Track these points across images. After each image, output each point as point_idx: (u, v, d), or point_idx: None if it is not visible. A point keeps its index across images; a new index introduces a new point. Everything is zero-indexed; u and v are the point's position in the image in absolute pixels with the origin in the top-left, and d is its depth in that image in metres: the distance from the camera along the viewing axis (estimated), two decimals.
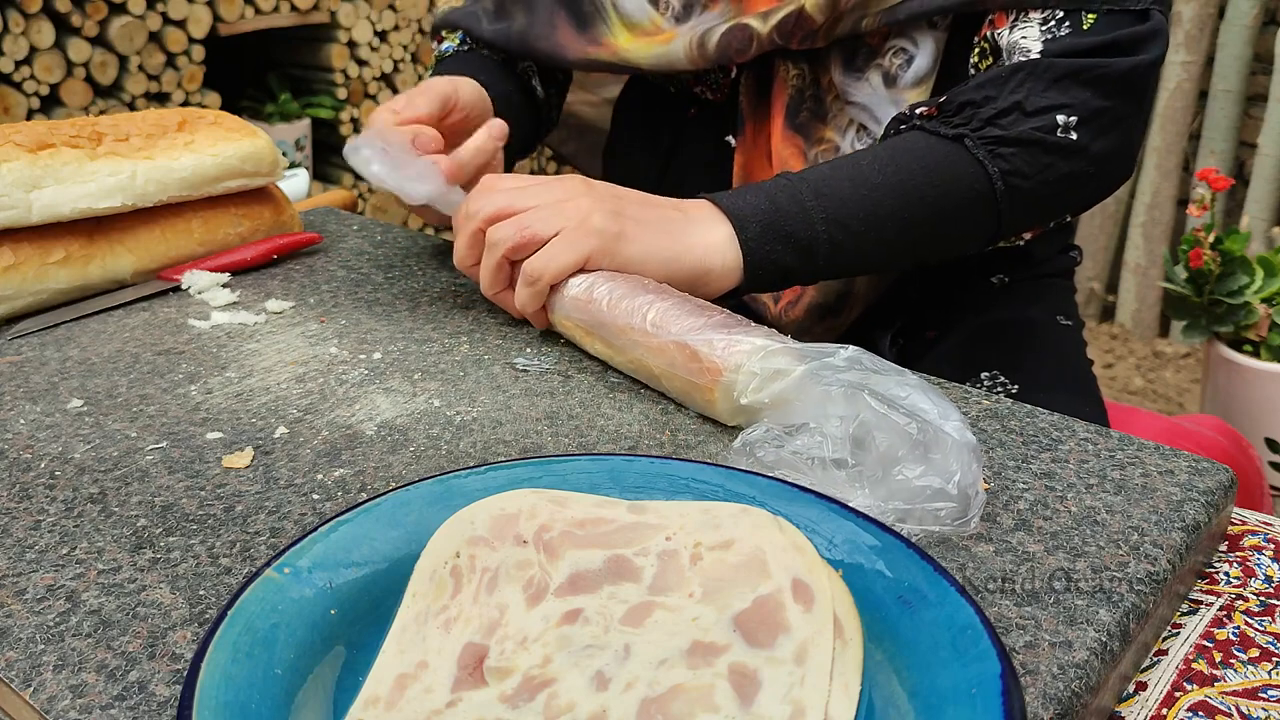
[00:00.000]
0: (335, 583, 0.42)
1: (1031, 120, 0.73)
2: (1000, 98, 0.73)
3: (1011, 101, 0.73)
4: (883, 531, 0.43)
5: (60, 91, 2.17)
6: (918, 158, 0.73)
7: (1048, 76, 0.73)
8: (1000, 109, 0.73)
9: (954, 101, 0.75)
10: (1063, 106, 0.73)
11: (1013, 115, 0.73)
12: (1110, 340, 2.74)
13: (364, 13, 2.62)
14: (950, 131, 0.74)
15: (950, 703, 0.36)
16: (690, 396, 0.60)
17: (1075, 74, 0.73)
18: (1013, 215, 0.76)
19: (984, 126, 0.73)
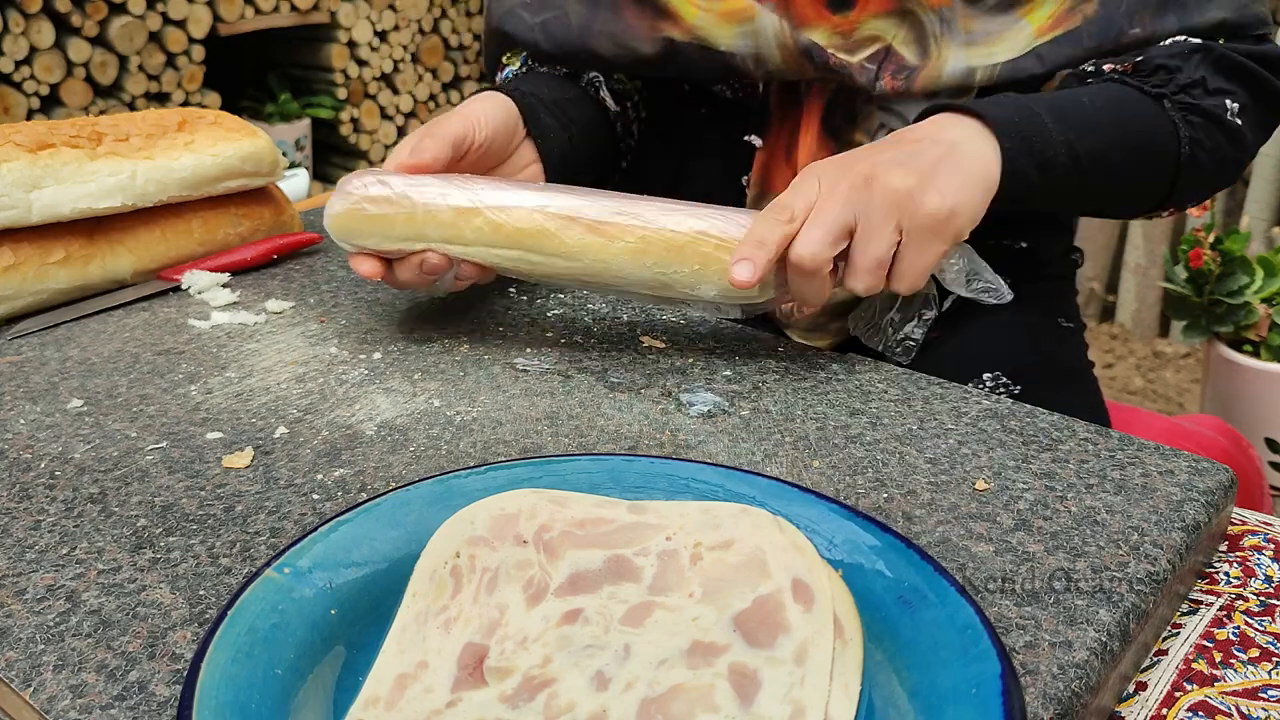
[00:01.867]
0: (335, 583, 0.42)
1: (1212, 99, 0.76)
2: (1186, 70, 0.75)
3: (1198, 76, 0.75)
4: (883, 532, 0.43)
5: (60, 91, 2.17)
6: (1130, 106, 0.75)
7: (1223, 63, 0.76)
8: (1191, 80, 0.75)
9: (1150, 63, 0.76)
10: (1232, 93, 0.76)
11: (1199, 90, 0.75)
12: (1110, 340, 2.74)
13: (364, 13, 2.63)
14: (1152, 90, 0.75)
15: (950, 703, 0.36)
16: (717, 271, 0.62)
17: (1243, 68, 0.76)
18: (1183, 185, 0.78)
19: (1179, 92, 0.75)
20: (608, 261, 0.64)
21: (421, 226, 0.66)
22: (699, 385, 0.64)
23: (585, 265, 0.64)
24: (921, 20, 0.80)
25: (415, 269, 0.67)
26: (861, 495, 0.52)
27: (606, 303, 0.76)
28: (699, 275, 0.63)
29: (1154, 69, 0.75)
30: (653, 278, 0.64)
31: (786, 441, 0.57)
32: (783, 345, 0.69)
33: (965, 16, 0.79)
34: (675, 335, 0.71)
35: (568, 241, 0.64)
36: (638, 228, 0.64)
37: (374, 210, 0.66)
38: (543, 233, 0.64)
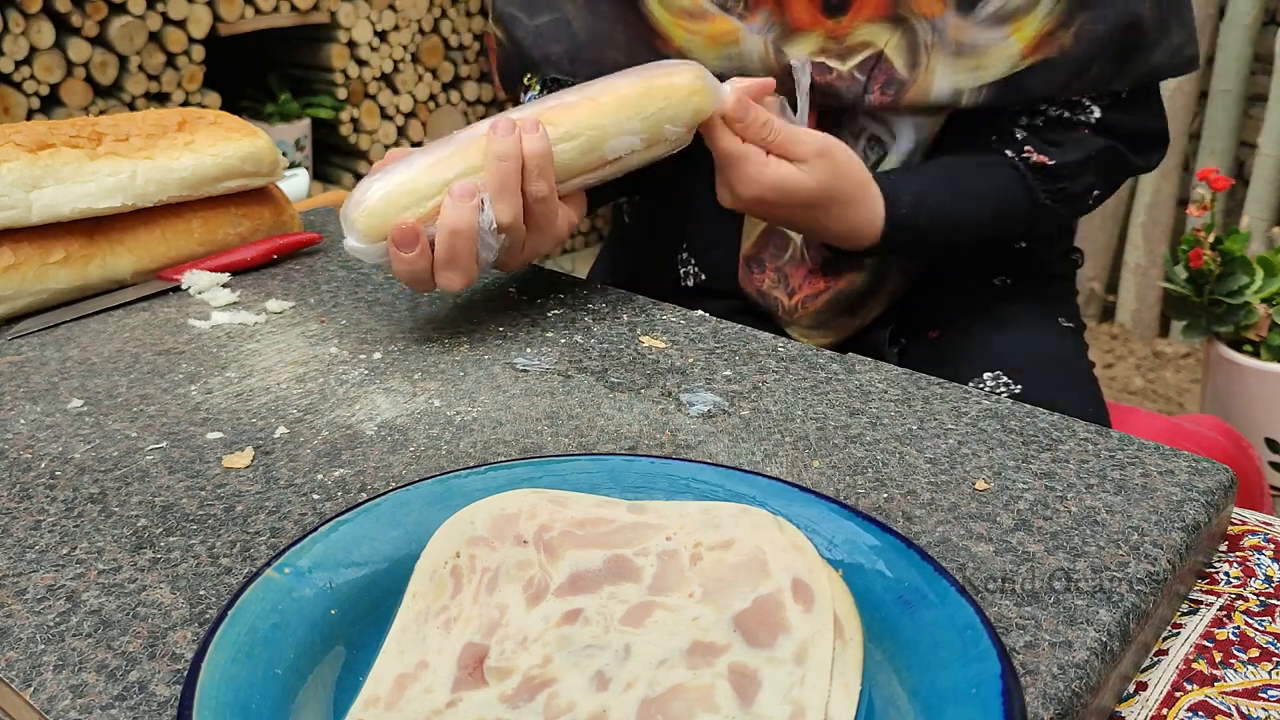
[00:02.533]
0: (335, 583, 0.42)
1: (1081, 199, 0.88)
2: (1081, 178, 0.86)
3: (1086, 185, 0.87)
4: (883, 531, 0.43)
5: (60, 91, 2.17)
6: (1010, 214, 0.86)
7: (1112, 165, 0.87)
8: (1079, 190, 0.87)
9: (1059, 171, 0.85)
10: (1101, 186, 0.88)
11: (1079, 195, 0.87)
12: (1110, 340, 2.74)
13: (364, 13, 2.63)
14: (1042, 197, 0.86)
15: (950, 703, 0.36)
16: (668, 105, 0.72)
17: (1123, 164, 0.88)
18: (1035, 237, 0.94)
19: (1060, 203, 0.87)
20: (603, 127, 0.70)
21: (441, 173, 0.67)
22: (699, 385, 0.64)
23: (584, 140, 0.70)
24: (914, 28, 0.80)
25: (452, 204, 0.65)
26: (861, 495, 0.52)
27: (606, 302, 0.76)
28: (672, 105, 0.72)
29: (1055, 177, 0.86)
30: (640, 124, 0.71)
31: (786, 441, 0.57)
32: (783, 345, 0.69)
33: (957, 27, 0.80)
34: (675, 335, 0.71)
35: (564, 125, 0.70)
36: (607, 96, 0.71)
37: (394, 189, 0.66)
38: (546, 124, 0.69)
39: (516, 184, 0.67)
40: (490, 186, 0.66)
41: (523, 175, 0.67)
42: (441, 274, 0.67)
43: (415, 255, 0.66)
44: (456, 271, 0.67)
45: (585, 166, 0.71)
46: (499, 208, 0.66)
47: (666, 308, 0.75)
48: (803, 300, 0.89)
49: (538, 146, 0.67)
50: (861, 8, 0.81)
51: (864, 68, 0.81)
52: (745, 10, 0.83)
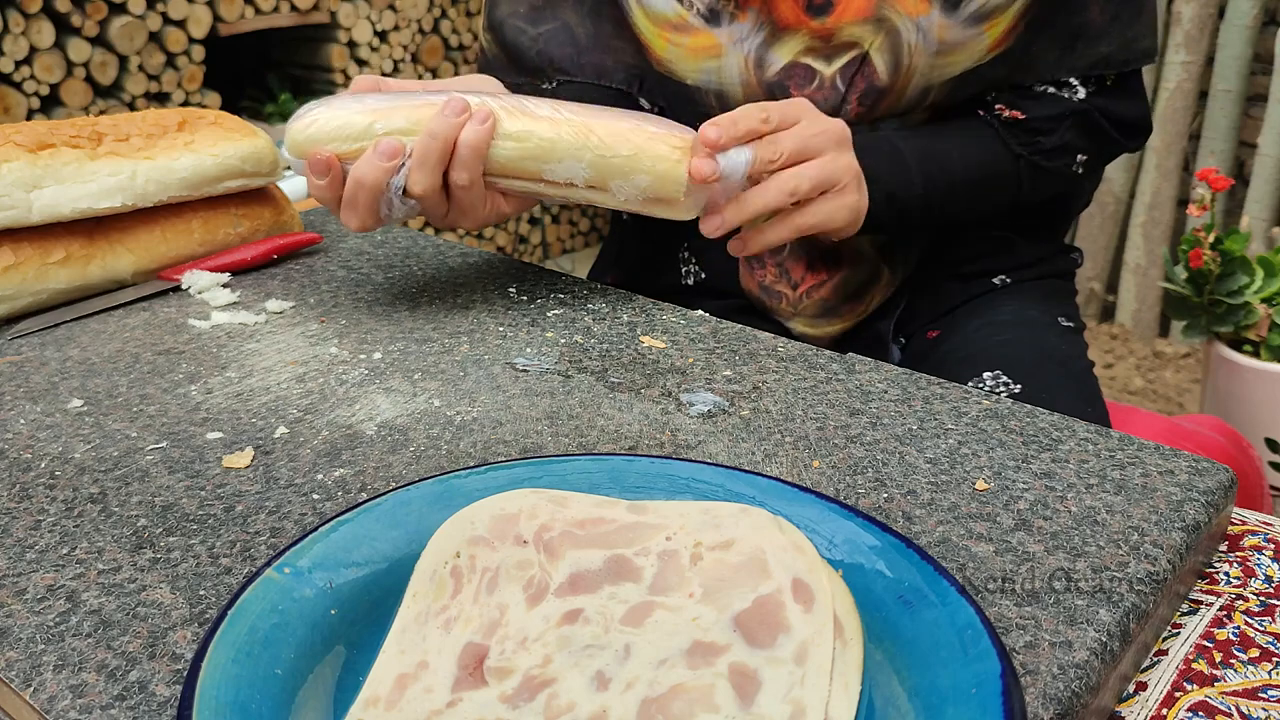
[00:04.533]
0: (335, 583, 0.42)
1: (1065, 158, 0.89)
2: (1057, 133, 0.87)
3: (1062, 142, 0.88)
4: (883, 531, 0.43)
5: (60, 91, 2.17)
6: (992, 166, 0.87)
7: (1090, 128, 0.88)
8: (1055, 145, 0.88)
9: (1030, 124, 0.86)
10: (1085, 150, 0.89)
11: (1057, 152, 0.88)
12: (1110, 340, 2.74)
13: (364, 13, 2.63)
14: (1017, 148, 0.87)
15: (950, 702, 0.36)
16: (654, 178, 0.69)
17: (1103, 132, 0.89)
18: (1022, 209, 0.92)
19: (1037, 155, 0.88)
20: (553, 143, 0.68)
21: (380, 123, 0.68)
22: (699, 385, 0.64)
23: (530, 146, 0.69)
24: (898, 28, 0.81)
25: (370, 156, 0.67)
26: (861, 495, 0.52)
27: (606, 302, 0.76)
28: (632, 162, 0.69)
29: (1028, 129, 0.87)
30: (593, 160, 0.69)
31: (786, 441, 0.57)
32: (783, 345, 0.69)
33: (942, 26, 0.81)
34: (675, 335, 0.71)
35: (512, 127, 0.68)
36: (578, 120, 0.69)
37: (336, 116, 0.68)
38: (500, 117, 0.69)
39: (438, 163, 0.68)
40: (414, 157, 0.68)
41: (450, 158, 0.68)
42: (342, 211, 0.70)
43: (325, 184, 0.69)
44: (354, 214, 0.70)
45: (521, 172, 0.70)
46: (414, 178, 0.68)
47: (666, 308, 0.75)
48: (806, 291, 0.90)
49: (472, 138, 0.67)
50: (845, 9, 0.81)
51: (846, 72, 0.83)
52: (736, 9, 0.83)
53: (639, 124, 0.70)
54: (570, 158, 0.69)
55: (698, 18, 0.84)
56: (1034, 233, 0.97)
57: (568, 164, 0.69)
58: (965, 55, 0.83)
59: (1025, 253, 0.96)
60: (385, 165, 0.67)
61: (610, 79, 0.89)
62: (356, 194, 0.68)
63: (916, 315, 0.95)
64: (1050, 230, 0.99)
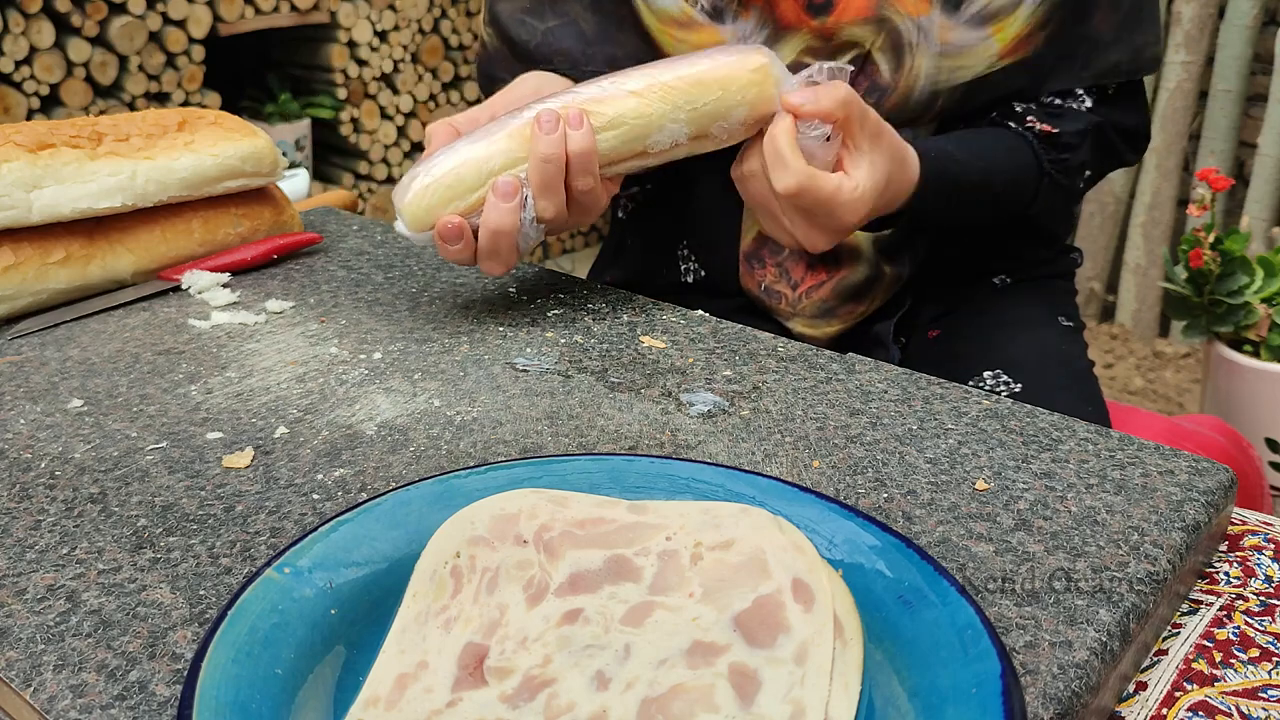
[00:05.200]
0: (335, 583, 0.42)
1: (1077, 175, 0.89)
2: (1079, 151, 0.87)
3: (1081, 161, 0.88)
4: (883, 531, 0.43)
5: (60, 91, 2.17)
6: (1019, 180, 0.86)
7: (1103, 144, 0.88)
8: (1078, 163, 0.87)
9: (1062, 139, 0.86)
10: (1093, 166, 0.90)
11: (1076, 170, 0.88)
12: (1110, 340, 2.74)
13: (364, 13, 2.63)
14: (1047, 166, 0.86)
15: (950, 702, 0.36)
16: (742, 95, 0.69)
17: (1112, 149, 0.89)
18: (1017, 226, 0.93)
19: (1061, 173, 0.87)
20: (649, 117, 0.69)
21: (485, 165, 0.68)
22: (699, 385, 0.64)
23: (627, 129, 0.69)
24: (899, 28, 0.81)
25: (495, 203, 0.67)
26: (861, 495, 0.52)
27: (606, 302, 0.76)
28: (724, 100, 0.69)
29: (1060, 145, 0.86)
30: (689, 116, 0.69)
31: (786, 441, 0.57)
32: (783, 345, 0.69)
33: (943, 27, 0.81)
34: (675, 335, 0.71)
35: (607, 114, 0.69)
36: (656, 84, 0.69)
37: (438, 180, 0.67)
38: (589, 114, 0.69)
39: (560, 183, 0.68)
40: (534, 186, 0.68)
41: (567, 172, 0.68)
42: (484, 263, 0.70)
43: (460, 248, 0.69)
44: (497, 262, 0.70)
45: (627, 154, 0.70)
46: (541, 204, 0.69)
47: (666, 308, 0.75)
48: (806, 291, 0.90)
49: (582, 145, 0.68)
50: (845, 8, 0.81)
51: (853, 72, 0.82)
52: (739, 7, 0.83)
53: (710, 62, 0.70)
54: (668, 123, 0.69)
55: (702, 14, 0.84)
56: (1036, 234, 0.97)
57: (668, 129, 0.70)
58: (974, 60, 0.82)
59: (1026, 253, 0.97)
60: (512, 205, 0.68)
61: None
62: (496, 244, 0.68)
63: (917, 315, 0.96)
64: (1052, 232, 0.99)
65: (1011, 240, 0.96)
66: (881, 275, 0.91)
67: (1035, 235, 0.97)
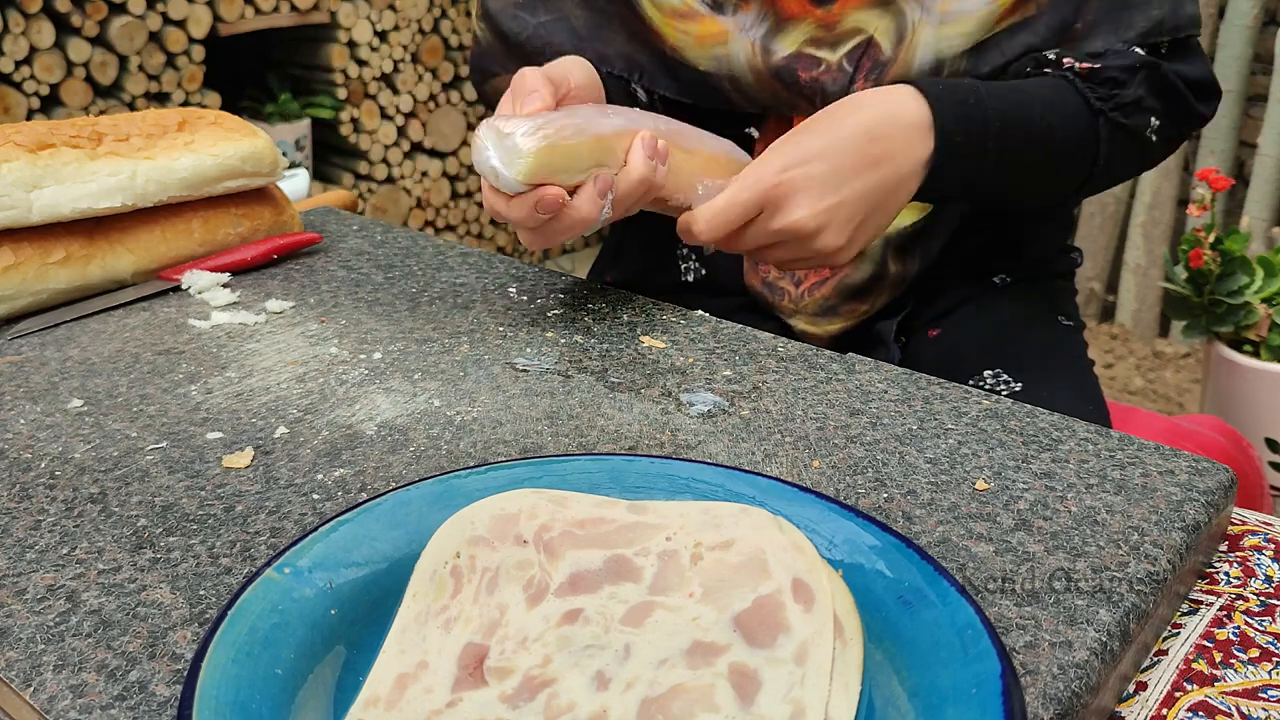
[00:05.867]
0: (335, 583, 0.42)
1: (1141, 116, 0.81)
2: (1130, 88, 0.80)
3: (1138, 95, 0.80)
4: (883, 531, 0.43)
5: (60, 91, 2.17)
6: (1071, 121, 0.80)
7: (1161, 83, 0.81)
8: (1132, 99, 0.80)
9: (1104, 74, 0.80)
10: (1158, 111, 0.82)
11: (1133, 108, 0.81)
12: (1110, 340, 2.74)
13: (364, 13, 2.63)
14: (1096, 103, 0.80)
15: (950, 702, 0.36)
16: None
17: (1174, 89, 0.82)
18: (1089, 188, 0.85)
19: (1116, 110, 0.80)
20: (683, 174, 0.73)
21: (599, 154, 0.69)
22: (699, 385, 0.64)
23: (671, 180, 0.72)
24: (903, 9, 0.81)
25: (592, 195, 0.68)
26: (861, 495, 0.52)
27: (606, 302, 0.76)
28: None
29: (1105, 80, 0.80)
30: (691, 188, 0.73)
31: (786, 441, 0.57)
32: (783, 345, 0.69)
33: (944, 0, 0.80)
34: (675, 335, 0.71)
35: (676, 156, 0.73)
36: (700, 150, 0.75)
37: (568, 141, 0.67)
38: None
39: (639, 202, 0.71)
40: (621, 198, 0.70)
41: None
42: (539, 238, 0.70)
43: (543, 217, 0.68)
44: (551, 241, 0.70)
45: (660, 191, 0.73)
46: (615, 212, 0.70)
47: (666, 308, 0.75)
48: (809, 289, 0.90)
49: (659, 179, 0.71)
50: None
51: (853, 56, 0.82)
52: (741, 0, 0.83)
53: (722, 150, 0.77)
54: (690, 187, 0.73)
55: (703, 4, 0.84)
56: (1036, 233, 0.97)
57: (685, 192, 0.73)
58: (974, 25, 0.80)
59: (1026, 252, 0.97)
60: (602, 202, 0.68)
61: (611, 66, 0.90)
62: (573, 227, 0.69)
63: (917, 314, 0.96)
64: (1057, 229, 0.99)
65: (1013, 237, 0.96)
66: (886, 274, 0.91)
67: (1035, 234, 0.97)
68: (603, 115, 0.70)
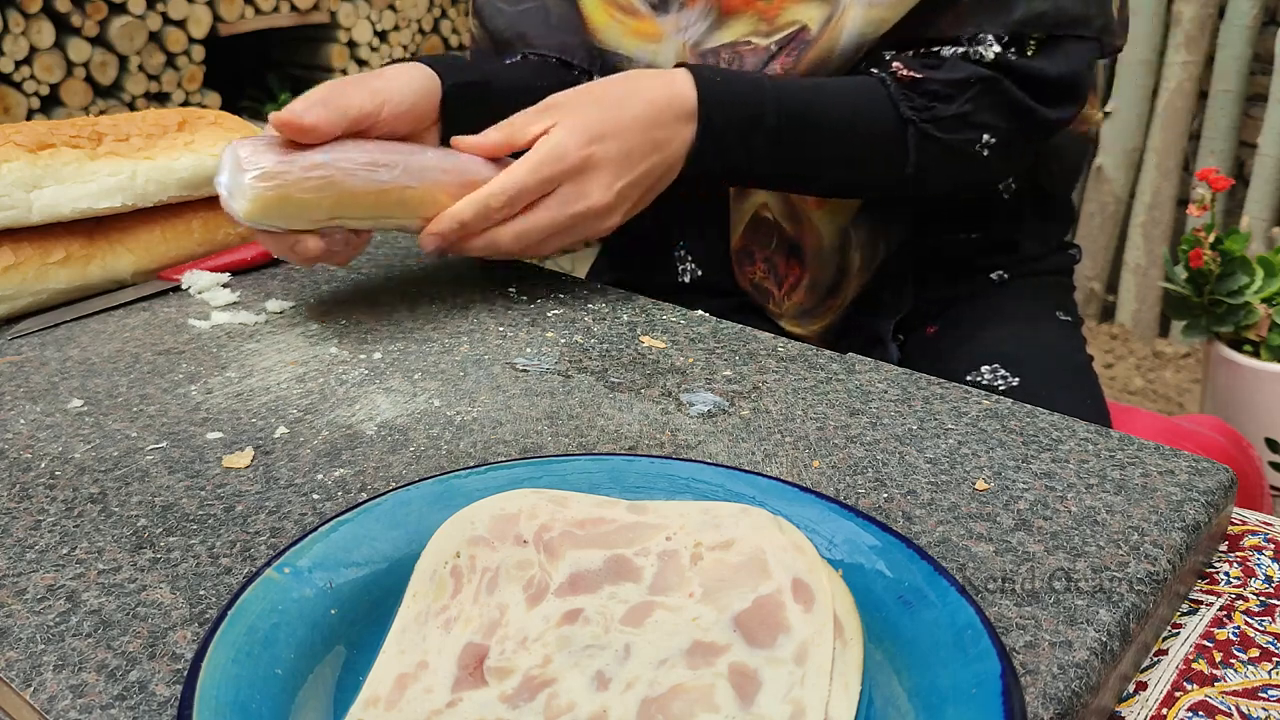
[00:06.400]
0: (335, 583, 0.42)
1: (966, 132, 0.80)
2: (956, 102, 0.79)
3: (961, 111, 0.79)
4: (883, 531, 0.43)
5: (60, 91, 2.17)
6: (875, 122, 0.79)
7: (999, 100, 0.79)
8: (952, 114, 0.79)
9: (927, 86, 0.79)
10: (994, 128, 0.80)
11: (955, 121, 0.79)
12: (1110, 340, 2.74)
13: (364, 13, 2.63)
14: (907, 112, 0.79)
15: (950, 702, 0.36)
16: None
17: (1018, 106, 0.80)
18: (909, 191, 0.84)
19: (930, 122, 0.79)
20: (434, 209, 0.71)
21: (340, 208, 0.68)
22: (699, 385, 0.64)
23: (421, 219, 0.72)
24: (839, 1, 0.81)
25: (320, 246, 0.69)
26: (861, 495, 0.52)
27: (606, 302, 0.76)
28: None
29: (925, 91, 0.79)
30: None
31: (786, 441, 0.57)
32: (782, 345, 0.69)
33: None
34: (675, 335, 0.71)
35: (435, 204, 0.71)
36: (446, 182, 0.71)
37: (303, 195, 0.66)
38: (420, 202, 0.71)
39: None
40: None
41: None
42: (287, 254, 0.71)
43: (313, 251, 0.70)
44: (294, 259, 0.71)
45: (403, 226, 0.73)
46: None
47: (666, 308, 0.75)
48: (788, 291, 0.90)
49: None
50: None
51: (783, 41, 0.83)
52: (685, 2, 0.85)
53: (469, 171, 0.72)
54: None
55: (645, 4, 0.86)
56: (1035, 230, 0.97)
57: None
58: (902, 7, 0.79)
59: (1024, 249, 0.97)
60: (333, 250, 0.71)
61: (573, 56, 0.91)
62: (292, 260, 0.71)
63: (915, 311, 0.96)
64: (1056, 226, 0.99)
65: (1012, 235, 0.96)
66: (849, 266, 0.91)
67: (1036, 228, 0.97)
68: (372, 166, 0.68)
